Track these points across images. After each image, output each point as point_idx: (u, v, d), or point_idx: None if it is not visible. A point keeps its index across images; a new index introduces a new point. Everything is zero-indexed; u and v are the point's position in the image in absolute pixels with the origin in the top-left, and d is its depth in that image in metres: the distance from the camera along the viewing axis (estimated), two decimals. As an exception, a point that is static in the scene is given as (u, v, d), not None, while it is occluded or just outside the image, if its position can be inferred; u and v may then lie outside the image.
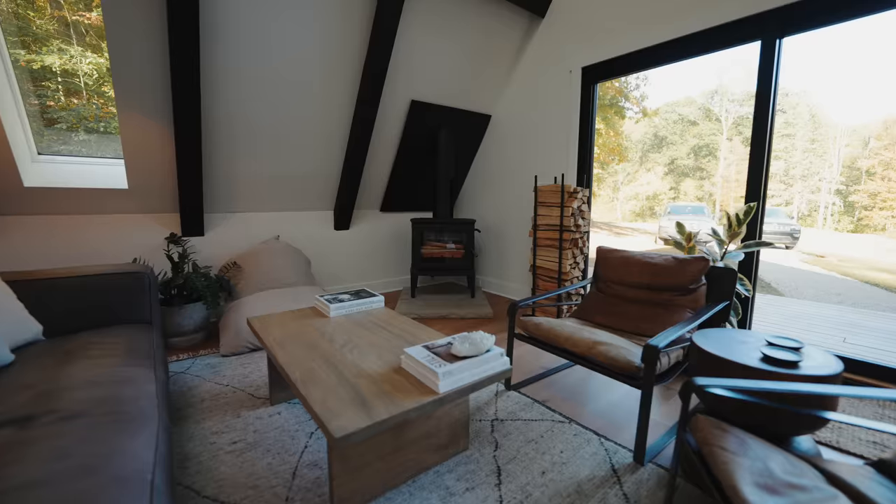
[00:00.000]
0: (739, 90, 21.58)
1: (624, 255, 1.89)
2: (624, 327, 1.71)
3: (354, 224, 3.49)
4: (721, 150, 20.67)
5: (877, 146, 16.43)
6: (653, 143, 21.63)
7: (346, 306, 1.74)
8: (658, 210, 20.21)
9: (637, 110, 17.46)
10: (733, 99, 21.22)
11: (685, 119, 21.59)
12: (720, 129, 21.08)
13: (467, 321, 2.80)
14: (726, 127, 20.84)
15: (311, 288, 2.69)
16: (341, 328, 1.54)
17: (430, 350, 1.18)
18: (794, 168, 18.90)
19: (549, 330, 1.57)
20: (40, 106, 2.29)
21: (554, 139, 2.94)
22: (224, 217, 2.88)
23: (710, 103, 22.02)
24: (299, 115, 2.68)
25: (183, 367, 2.05)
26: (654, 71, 16.36)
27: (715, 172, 21.00)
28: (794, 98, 19.68)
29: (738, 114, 20.88)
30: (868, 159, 16.77)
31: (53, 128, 2.37)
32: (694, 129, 21.70)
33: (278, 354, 1.28)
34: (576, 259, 2.64)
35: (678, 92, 22.58)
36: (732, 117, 20.94)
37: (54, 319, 1.51)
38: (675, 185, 21.68)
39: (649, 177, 21.69)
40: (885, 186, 15.43)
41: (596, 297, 1.93)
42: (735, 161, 20.38)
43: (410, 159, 3.39)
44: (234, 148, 2.61)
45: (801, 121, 19.10)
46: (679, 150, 21.79)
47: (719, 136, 20.95)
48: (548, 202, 2.66)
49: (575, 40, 2.72)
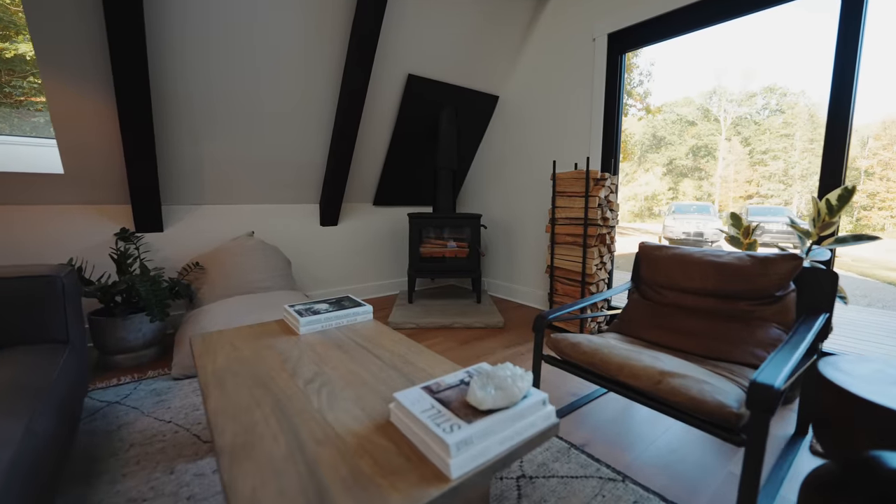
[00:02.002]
0: (737, 90, 21.43)
1: (678, 252, 1.49)
2: (687, 347, 1.31)
3: (343, 219, 3.08)
4: (720, 150, 20.50)
5: (875, 146, 16.32)
6: (651, 143, 21.44)
7: (323, 320, 1.32)
8: (657, 210, 19.96)
9: (640, 107, 17.21)
10: (732, 99, 21.08)
11: (683, 119, 21.42)
12: (719, 130, 20.92)
13: (474, 331, 2.39)
14: (725, 127, 20.68)
15: (290, 293, 2.28)
16: (312, 352, 1.13)
17: (434, 395, 0.77)
18: (794, 168, 18.75)
19: (594, 353, 1.16)
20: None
21: (573, 120, 2.54)
22: (188, 210, 2.45)
23: (708, 103, 21.87)
24: (276, 88, 2.27)
25: (121, 395, 1.63)
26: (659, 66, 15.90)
27: (713, 173, 20.81)
28: (793, 98, 19.57)
29: (736, 114, 20.75)
30: (867, 159, 16.65)
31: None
32: (692, 130, 21.53)
33: (210, 398, 0.87)
34: (602, 258, 2.24)
35: (677, 92, 22.41)
36: (731, 117, 20.79)
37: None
38: (673, 185, 21.48)
39: (648, 177, 21.50)
40: (884, 186, 15.31)
41: (640, 306, 1.53)
42: (733, 161, 20.22)
43: (408, 146, 2.98)
44: (198, 127, 2.19)
45: (799, 121, 18.97)
46: (678, 151, 21.61)
47: (718, 137, 20.79)
48: (568, 192, 2.27)
49: (599, 3, 2.33)
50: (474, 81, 2.90)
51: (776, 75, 23.99)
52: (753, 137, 19.91)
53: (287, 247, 2.81)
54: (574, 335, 1.29)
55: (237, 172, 2.48)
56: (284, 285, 2.33)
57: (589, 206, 2.15)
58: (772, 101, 19.81)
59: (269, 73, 2.19)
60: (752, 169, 19.58)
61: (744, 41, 22.63)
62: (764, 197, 19.09)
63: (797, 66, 21.16)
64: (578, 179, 2.20)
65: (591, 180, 2.15)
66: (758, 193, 19.31)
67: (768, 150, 19.11)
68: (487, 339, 2.26)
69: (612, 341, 1.30)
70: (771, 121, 19.50)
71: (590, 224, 2.17)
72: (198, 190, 2.42)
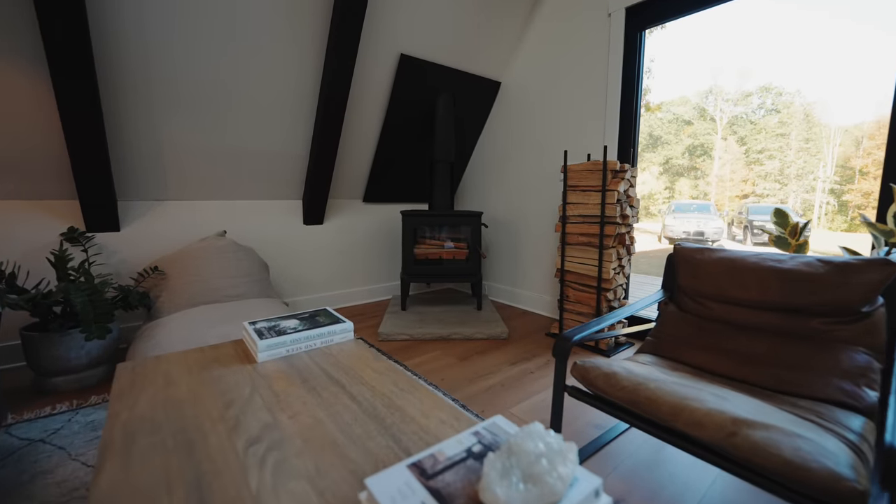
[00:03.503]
0: (733, 89, 21.42)
1: (726, 256, 1.23)
2: (749, 376, 1.05)
3: (330, 217, 2.79)
4: (716, 149, 20.46)
5: (870, 145, 16.36)
6: (648, 143, 21.38)
7: (289, 342, 1.05)
8: (654, 210, 19.85)
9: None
10: (728, 98, 21.06)
11: (680, 118, 21.37)
12: (715, 129, 20.89)
13: (475, 343, 2.12)
14: (721, 126, 20.65)
15: (265, 302, 1.99)
16: (268, 390, 0.85)
17: (428, 481, 0.50)
18: (789, 167, 18.76)
19: (637, 388, 0.90)
20: None
21: (586, 106, 2.28)
22: (150, 207, 2.16)
23: (704, 103, 21.84)
24: (249, 68, 1.98)
25: (49, 429, 1.34)
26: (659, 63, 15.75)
27: (710, 172, 20.77)
28: (788, 97, 19.58)
29: (732, 113, 20.73)
30: (861, 159, 16.69)
31: None
32: (689, 129, 21.50)
33: (102, 472, 0.59)
34: (621, 261, 1.98)
35: (674, 91, 22.34)
36: (727, 117, 20.77)
37: None
38: (669, 184, 21.44)
39: (644, 176, 21.44)
40: (878, 186, 15.34)
41: (680, 321, 1.27)
42: (729, 161, 20.19)
43: (401, 136, 2.71)
44: (156, 111, 1.90)
45: (794, 120, 18.98)
46: (674, 150, 21.59)
47: (714, 136, 20.75)
48: (582, 186, 2.00)
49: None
50: (474, 64, 2.63)
51: (772, 74, 24.00)
52: (749, 137, 19.90)
53: (265, 248, 2.52)
54: (606, 362, 1.03)
55: (205, 164, 2.19)
56: (259, 292, 2.05)
57: (606, 201, 1.89)
58: (767, 100, 19.81)
59: (241, 49, 1.90)
60: (748, 168, 19.56)
61: (740, 40, 22.59)
62: (760, 196, 19.08)
63: (793, 65, 21.15)
64: (593, 172, 1.94)
65: (608, 172, 1.89)
66: (754, 192, 19.29)
67: (764, 150, 19.09)
68: (490, 353, 1.99)
69: (657, 372, 1.04)
70: (766, 120, 19.49)
71: (607, 222, 1.91)
72: (160, 183, 2.13)
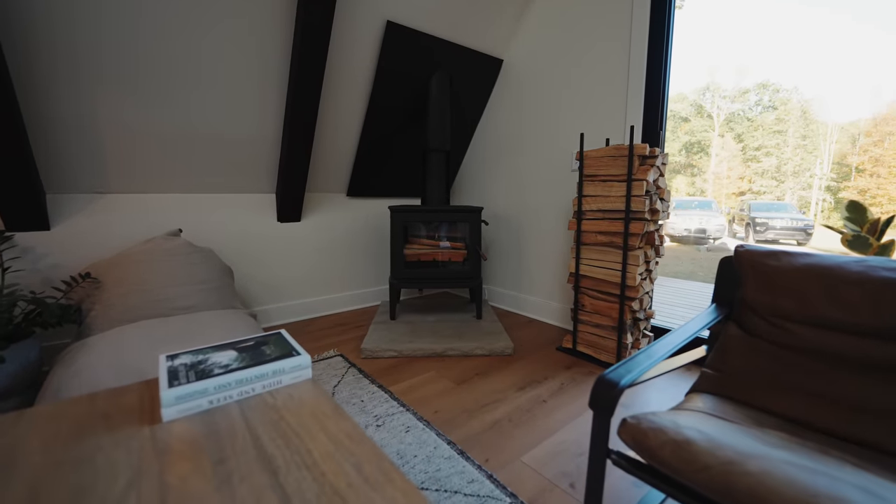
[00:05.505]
0: (730, 87, 21.29)
1: (815, 263, 0.93)
2: (862, 435, 0.74)
3: (309, 214, 2.46)
4: (713, 146, 20.32)
5: (866, 142, 16.30)
6: (645, 139, 21.08)
7: (213, 390, 0.72)
8: (652, 207, 19.61)
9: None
10: (725, 95, 20.91)
11: (677, 115, 21.20)
12: (712, 126, 20.75)
13: (474, 361, 1.81)
14: (718, 123, 20.51)
15: (225, 314, 1.66)
16: (154, 484, 0.52)
17: None
18: (786, 164, 18.66)
19: (730, 472, 0.59)
20: None
21: (604, 82, 1.97)
22: (88, 201, 1.81)
23: (701, 100, 21.69)
24: (206, 28, 1.64)
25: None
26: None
27: (706, 169, 20.63)
28: (786, 94, 19.49)
29: (729, 110, 20.59)
30: (857, 156, 16.63)
31: None
32: (686, 126, 21.34)
33: None
34: (648, 265, 1.67)
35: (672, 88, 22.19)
36: (724, 114, 20.63)
37: None
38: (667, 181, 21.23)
39: (641, 174, 21.11)
40: (875, 183, 15.31)
41: (748, 350, 0.96)
42: (726, 158, 20.07)
43: (389, 120, 2.38)
44: (88, 85, 1.55)
45: (792, 117, 18.88)
46: (671, 147, 21.43)
47: (711, 133, 20.61)
48: (602, 175, 1.69)
49: (639, -74, 1.75)
50: (472, 38, 2.31)
51: (769, 71, 23.89)
52: (746, 134, 19.79)
53: (232, 249, 2.18)
54: (671, 420, 0.71)
55: (157, 150, 1.85)
56: (217, 302, 1.71)
57: (633, 193, 1.58)
58: (765, 97, 19.70)
59: (194, 8, 1.56)
60: (745, 165, 19.45)
61: (738, 36, 22.36)
62: (756, 193, 18.99)
63: (791, 61, 21.00)
64: (616, 158, 1.63)
65: (635, 158, 1.58)
66: (750, 190, 19.20)
67: (761, 147, 18.98)
68: (493, 375, 1.67)
69: (747, 438, 0.73)
70: (764, 117, 19.37)
71: (634, 218, 1.60)
72: (100, 173, 1.78)
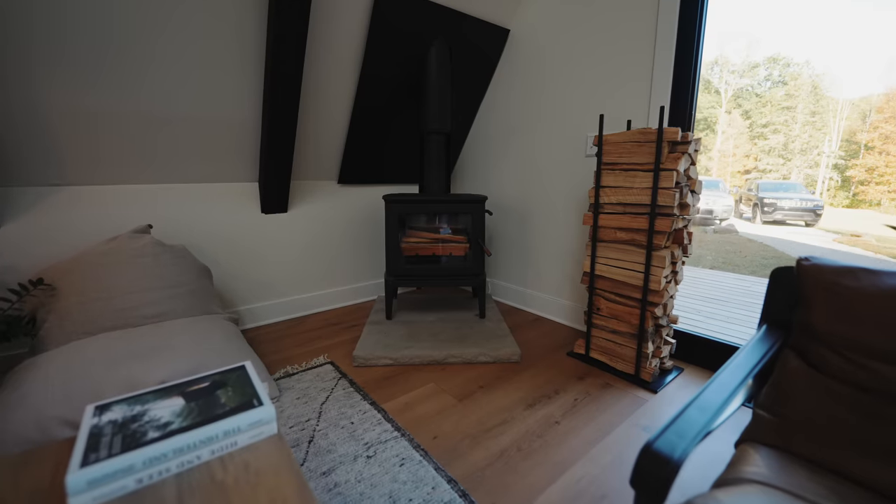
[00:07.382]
0: (740, 60, 20.52)
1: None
2: None
3: (296, 204, 2.26)
4: (719, 123, 19.76)
5: (877, 119, 15.81)
6: (650, 116, 20.58)
7: (141, 465, 0.55)
8: (655, 187, 19.31)
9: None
10: (734, 70, 20.15)
11: (683, 91, 20.53)
12: (719, 102, 20.10)
13: (479, 369, 1.65)
14: (725, 99, 19.86)
15: (200, 320, 1.49)
16: None
17: None
18: (794, 142, 18.19)
19: None
20: None
21: (621, 57, 1.73)
22: (44, 195, 1.61)
23: (709, 74, 20.92)
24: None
25: None
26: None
27: (712, 147, 20.13)
28: (796, 69, 18.77)
29: (738, 85, 19.89)
30: (867, 133, 16.20)
31: None
32: (692, 102, 20.69)
33: None
34: (675, 266, 1.49)
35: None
36: (732, 89, 19.95)
37: None
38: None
39: (645, 152, 20.78)
40: (884, 161, 14.96)
41: (818, 393, 0.79)
42: (733, 135, 19.55)
43: (382, 100, 2.14)
44: (27, 60, 1.32)
45: (801, 93, 18.26)
46: (676, 124, 20.84)
47: (718, 109, 19.99)
48: (623, 163, 1.48)
49: None
50: (474, 3, 2.04)
51: (780, 44, 22.94)
52: (754, 110, 19.21)
53: (211, 245, 1.99)
54: None
55: (118, 136, 1.63)
56: (190, 308, 1.53)
57: (660, 185, 1.37)
58: (774, 71, 19.00)
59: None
60: (752, 143, 18.97)
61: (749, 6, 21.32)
62: (762, 172, 18.59)
63: (803, 33, 20.12)
64: (642, 144, 1.42)
65: (665, 145, 1.36)
66: (756, 168, 18.79)
67: (769, 124, 18.44)
68: (499, 387, 1.52)
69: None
70: (773, 93, 18.74)
71: (660, 214, 1.40)
72: (53, 163, 1.57)
